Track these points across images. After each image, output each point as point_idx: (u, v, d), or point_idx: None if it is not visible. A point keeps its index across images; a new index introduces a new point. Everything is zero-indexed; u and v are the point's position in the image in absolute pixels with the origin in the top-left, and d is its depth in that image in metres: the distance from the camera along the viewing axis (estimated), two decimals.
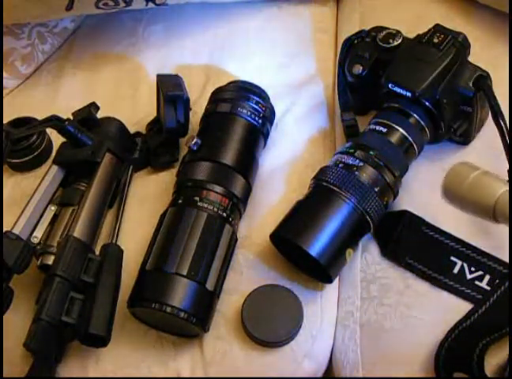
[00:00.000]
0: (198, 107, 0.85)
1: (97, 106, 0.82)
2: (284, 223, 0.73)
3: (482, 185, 0.63)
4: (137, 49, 0.97)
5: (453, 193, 0.65)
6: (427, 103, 0.76)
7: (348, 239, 0.72)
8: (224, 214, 0.74)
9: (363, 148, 0.74)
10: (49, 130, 0.84)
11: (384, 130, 0.76)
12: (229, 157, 0.77)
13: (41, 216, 0.76)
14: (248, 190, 0.78)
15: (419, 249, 0.76)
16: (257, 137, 0.81)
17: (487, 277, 0.73)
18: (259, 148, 0.82)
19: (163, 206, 0.76)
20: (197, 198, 0.74)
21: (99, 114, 0.83)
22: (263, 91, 0.83)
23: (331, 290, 0.76)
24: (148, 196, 0.83)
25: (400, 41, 0.79)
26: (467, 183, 0.64)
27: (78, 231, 0.73)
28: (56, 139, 0.84)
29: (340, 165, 0.73)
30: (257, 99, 0.81)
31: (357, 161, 0.73)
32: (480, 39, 0.86)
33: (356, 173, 0.72)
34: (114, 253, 0.73)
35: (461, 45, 0.77)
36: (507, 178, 0.69)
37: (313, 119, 0.89)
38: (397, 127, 0.76)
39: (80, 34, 1.01)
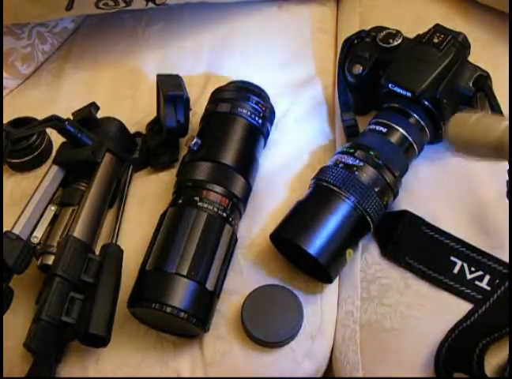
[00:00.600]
0: (198, 107, 0.85)
1: (97, 106, 0.82)
2: (284, 223, 0.73)
3: (485, 123, 0.63)
4: (137, 49, 0.97)
5: (458, 138, 0.65)
6: (426, 103, 0.76)
7: (348, 239, 0.72)
8: (224, 214, 0.74)
9: (363, 148, 0.74)
10: (49, 130, 0.83)
11: (384, 130, 0.76)
12: (229, 157, 0.77)
13: (41, 216, 0.76)
14: (248, 190, 0.78)
15: (419, 249, 0.76)
16: (257, 137, 0.81)
17: (487, 277, 0.73)
18: (259, 148, 0.82)
19: (163, 206, 0.76)
20: (197, 198, 0.74)
21: (99, 114, 0.83)
22: (263, 91, 0.83)
23: (331, 290, 0.76)
24: (148, 196, 0.83)
25: (400, 41, 0.79)
26: (470, 124, 0.64)
27: (78, 231, 0.73)
28: (56, 139, 0.84)
29: (340, 165, 0.73)
30: (257, 99, 0.81)
31: (357, 161, 0.73)
32: (480, 39, 0.86)
33: (356, 173, 0.72)
34: (114, 253, 0.73)
35: (461, 45, 0.77)
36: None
37: (313, 119, 0.89)
38: (397, 127, 0.76)
39: (81, 34, 1.01)
